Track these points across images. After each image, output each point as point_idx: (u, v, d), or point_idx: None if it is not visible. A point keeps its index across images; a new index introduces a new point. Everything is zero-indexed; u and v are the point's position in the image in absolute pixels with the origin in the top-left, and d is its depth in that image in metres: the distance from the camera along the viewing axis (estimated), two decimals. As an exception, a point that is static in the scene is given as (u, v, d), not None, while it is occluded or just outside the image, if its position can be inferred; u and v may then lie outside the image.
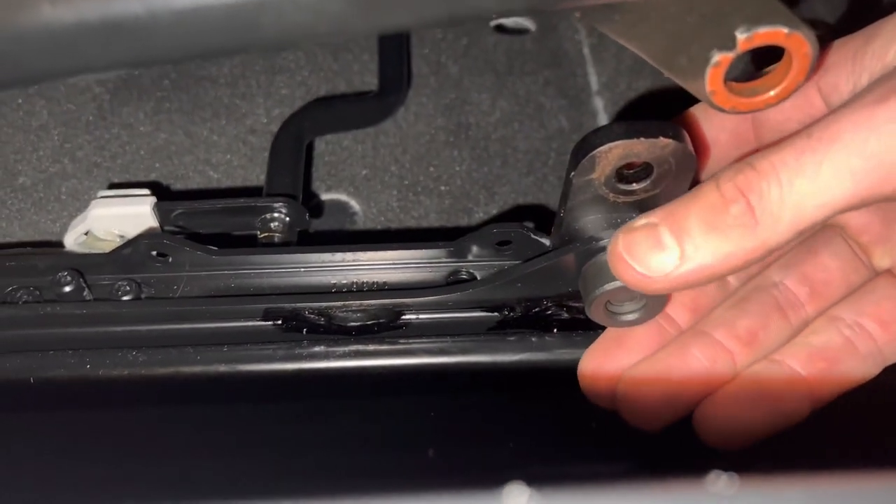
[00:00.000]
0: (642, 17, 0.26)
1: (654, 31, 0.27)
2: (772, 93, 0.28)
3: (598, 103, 0.64)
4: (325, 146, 0.60)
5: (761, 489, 0.17)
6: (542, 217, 0.56)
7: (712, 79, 0.27)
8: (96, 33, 0.20)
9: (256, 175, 0.57)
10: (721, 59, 0.26)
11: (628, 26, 0.27)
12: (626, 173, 0.34)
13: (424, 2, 0.20)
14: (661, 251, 0.31)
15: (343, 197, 0.57)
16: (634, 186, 0.34)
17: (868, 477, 0.19)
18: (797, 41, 0.27)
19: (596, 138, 0.33)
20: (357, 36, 0.33)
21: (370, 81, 0.63)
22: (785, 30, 0.27)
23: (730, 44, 0.26)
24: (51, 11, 0.20)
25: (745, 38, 0.26)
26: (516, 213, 0.56)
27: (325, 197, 0.57)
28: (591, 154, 0.32)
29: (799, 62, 0.27)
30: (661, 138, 0.32)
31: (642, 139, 0.32)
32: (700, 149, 0.37)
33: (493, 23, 0.67)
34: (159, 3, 0.20)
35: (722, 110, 0.29)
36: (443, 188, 0.58)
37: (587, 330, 0.40)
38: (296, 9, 0.20)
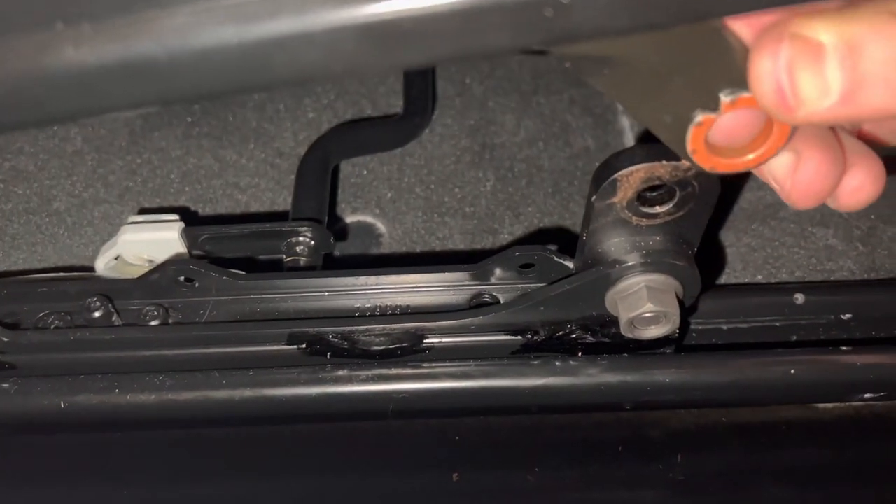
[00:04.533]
0: (631, 73, 0.26)
1: (640, 88, 0.27)
2: (751, 156, 0.28)
3: (625, 122, 0.63)
4: (352, 168, 0.60)
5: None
6: (568, 239, 0.56)
7: (694, 138, 0.27)
8: (117, 74, 0.21)
9: (284, 198, 0.58)
10: (704, 119, 0.26)
11: (616, 80, 0.27)
12: (649, 196, 0.34)
13: (437, 40, 0.20)
14: (822, 89, 0.24)
15: (369, 219, 0.58)
16: (657, 209, 0.34)
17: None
18: None
19: (617, 161, 0.32)
20: (373, 73, 0.33)
21: (395, 103, 0.64)
22: None
23: (713, 105, 0.26)
24: (73, 54, 0.20)
25: (730, 102, 0.26)
26: (542, 235, 0.56)
27: (350, 219, 0.58)
28: (612, 177, 0.32)
29: (779, 129, 0.27)
30: (684, 161, 0.31)
31: (664, 162, 0.31)
32: None
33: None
34: (177, 45, 0.20)
35: (701, 170, 0.29)
36: (468, 209, 0.58)
37: (612, 353, 0.40)
38: (309, 47, 0.20)
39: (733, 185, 0.57)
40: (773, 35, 0.24)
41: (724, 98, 0.26)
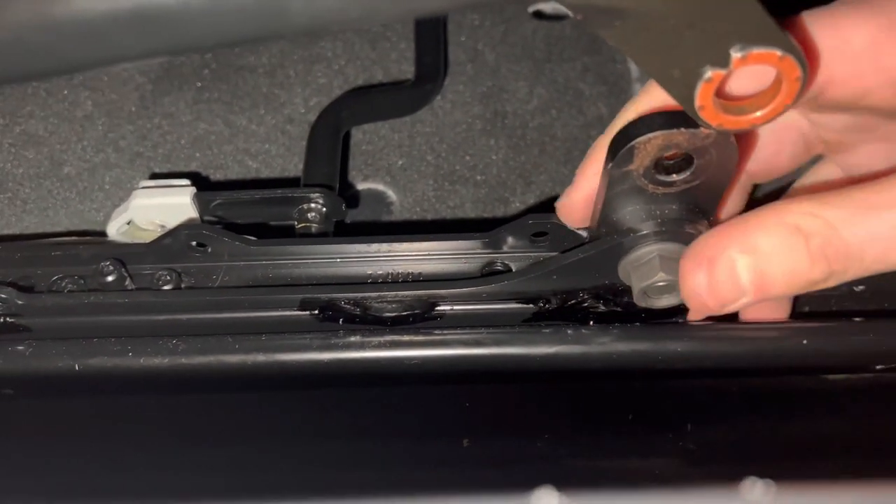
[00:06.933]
0: (642, 27, 0.26)
1: (651, 41, 0.27)
2: (758, 113, 0.28)
3: (638, 90, 0.63)
4: (363, 135, 0.60)
5: (797, 496, 0.17)
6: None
7: (703, 94, 0.27)
8: (128, 21, 0.20)
9: (294, 164, 0.58)
10: (714, 75, 0.26)
11: (627, 33, 0.27)
12: (666, 164, 0.34)
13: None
14: (738, 295, 0.33)
15: (380, 186, 0.57)
16: (674, 177, 0.34)
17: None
18: (789, 65, 0.27)
19: (635, 128, 0.32)
20: (390, 20, 0.32)
21: (407, 70, 0.63)
22: (779, 52, 0.26)
23: (724, 61, 0.26)
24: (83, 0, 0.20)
25: (740, 57, 0.25)
26: (554, 204, 0.56)
27: (361, 186, 0.57)
28: (629, 145, 0.32)
29: (788, 86, 0.27)
30: (703, 129, 0.31)
31: (683, 129, 0.31)
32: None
33: (532, 8, 0.66)
34: None
35: (708, 126, 0.29)
36: (479, 177, 0.57)
37: (624, 322, 0.40)
38: None
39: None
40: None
41: (735, 54, 0.25)
